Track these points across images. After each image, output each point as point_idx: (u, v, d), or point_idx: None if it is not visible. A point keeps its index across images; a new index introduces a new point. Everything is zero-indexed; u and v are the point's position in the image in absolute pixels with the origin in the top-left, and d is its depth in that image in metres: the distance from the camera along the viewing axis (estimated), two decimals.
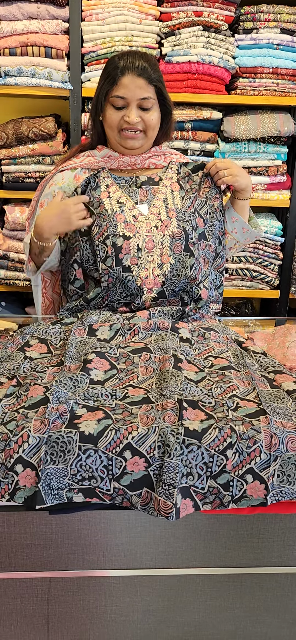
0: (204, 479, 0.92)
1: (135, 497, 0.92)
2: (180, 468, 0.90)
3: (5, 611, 1.04)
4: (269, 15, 2.20)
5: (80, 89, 2.20)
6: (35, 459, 0.91)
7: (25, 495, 0.90)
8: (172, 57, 2.18)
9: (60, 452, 0.92)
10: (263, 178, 2.38)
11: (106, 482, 0.92)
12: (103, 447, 0.92)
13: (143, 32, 2.16)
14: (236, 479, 0.92)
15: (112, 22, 2.14)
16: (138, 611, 1.05)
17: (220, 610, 1.06)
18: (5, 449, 0.92)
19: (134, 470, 0.91)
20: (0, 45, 2.13)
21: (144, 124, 1.48)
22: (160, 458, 0.91)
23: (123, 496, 0.92)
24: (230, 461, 0.92)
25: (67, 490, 0.92)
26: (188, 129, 2.28)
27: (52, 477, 0.91)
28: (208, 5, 2.15)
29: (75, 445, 0.92)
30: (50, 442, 0.92)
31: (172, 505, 0.88)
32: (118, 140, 1.51)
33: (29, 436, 0.92)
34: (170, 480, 0.89)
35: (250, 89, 2.26)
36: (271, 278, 2.51)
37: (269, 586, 1.05)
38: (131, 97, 1.45)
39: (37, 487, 0.89)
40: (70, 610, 1.05)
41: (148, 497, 0.91)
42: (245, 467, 0.92)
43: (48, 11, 2.11)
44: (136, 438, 0.92)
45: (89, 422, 0.95)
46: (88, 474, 0.92)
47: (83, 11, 2.14)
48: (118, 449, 0.92)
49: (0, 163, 2.28)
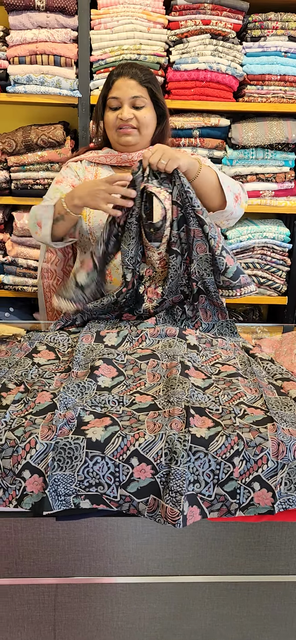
0: (211, 486, 0.92)
1: (142, 504, 0.92)
2: (187, 475, 0.90)
3: (12, 617, 1.04)
4: (277, 24, 2.20)
5: (89, 97, 2.21)
6: (43, 465, 0.91)
7: (32, 501, 0.91)
8: (180, 65, 2.19)
9: (68, 458, 0.92)
10: (271, 184, 2.38)
11: (113, 489, 0.92)
12: (110, 453, 0.92)
13: (151, 40, 2.18)
14: (244, 486, 0.92)
15: (121, 31, 2.15)
16: (145, 619, 1.05)
17: (227, 618, 1.05)
18: (13, 455, 0.92)
19: (141, 477, 0.91)
20: (10, 54, 2.16)
21: (137, 121, 1.60)
22: (167, 465, 0.91)
23: (130, 503, 0.92)
24: (237, 469, 0.91)
25: (74, 497, 0.92)
26: (196, 136, 2.29)
27: (59, 483, 0.91)
28: (216, 14, 2.16)
29: (82, 451, 0.92)
30: (57, 449, 0.92)
31: (179, 512, 0.88)
32: (116, 139, 1.63)
33: (37, 442, 0.92)
34: (177, 487, 0.89)
35: (257, 96, 2.26)
36: (279, 284, 2.50)
37: (276, 594, 1.05)
38: (123, 95, 1.59)
39: (45, 493, 0.90)
40: (77, 617, 1.05)
41: (155, 505, 0.91)
42: (252, 474, 0.92)
43: (57, 20, 2.13)
44: (143, 445, 0.92)
45: (96, 428, 0.95)
46: (95, 481, 0.92)
47: (92, 20, 2.16)
48: (125, 455, 0.92)
49: (10, 170, 2.29)
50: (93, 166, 1.68)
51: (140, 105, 1.60)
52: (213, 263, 1.42)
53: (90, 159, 1.68)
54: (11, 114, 2.50)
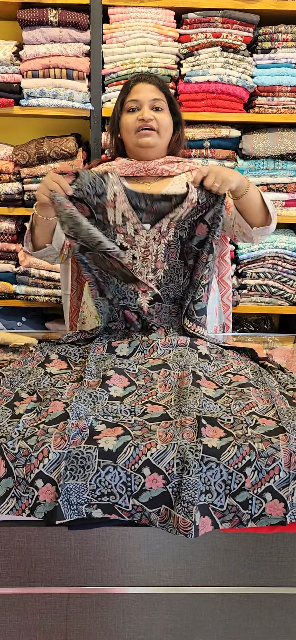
0: (223, 496, 0.91)
1: (154, 514, 0.92)
2: (199, 485, 0.90)
3: (24, 626, 1.04)
4: (287, 36, 2.21)
5: (101, 109, 2.24)
6: (55, 474, 0.92)
7: (45, 510, 0.91)
8: (190, 77, 2.21)
9: (80, 467, 0.93)
10: (282, 195, 2.38)
11: (125, 499, 0.92)
12: (122, 463, 0.92)
13: (162, 54, 2.20)
14: (255, 497, 0.91)
15: (132, 44, 2.18)
16: (157, 629, 1.05)
17: (239, 630, 1.05)
18: (26, 464, 0.93)
19: (153, 487, 0.91)
20: (24, 68, 2.19)
21: (157, 123, 1.59)
22: (178, 475, 0.91)
23: (142, 513, 0.92)
24: (248, 479, 0.91)
25: (86, 506, 0.92)
26: (206, 147, 2.30)
27: (72, 493, 0.92)
28: (227, 27, 2.18)
29: (94, 461, 0.93)
30: (69, 458, 0.93)
31: (191, 523, 0.88)
32: (135, 141, 1.61)
33: (49, 452, 0.93)
34: (189, 497, 0.89)
35: (268, 107, 2.27)
36: (290, 294, 2.49)
37: (289, 607, 1.04)
38: (143, 98, 1.59)
39: (57, 502, 0.90)
40: (89, 627, 1.05)
41: (167, 515, 0.91)
42: (264, 485, 0.91)
43: (70, 35, 2.17)
44: (155, 455, 0.93)
45: (108, 438, 0.96)
46: (107, 490, 0.92)
47: (104, 34, 2.19)
48: (137, 465, 0.92)
49: (22, 181, 2.32)
50: None
51: (160, 107, 1.60)
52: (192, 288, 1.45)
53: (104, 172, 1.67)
54: (24, 126, 2.53)
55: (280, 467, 0.92)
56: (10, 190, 2.31)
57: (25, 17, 2.13)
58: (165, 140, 1.63)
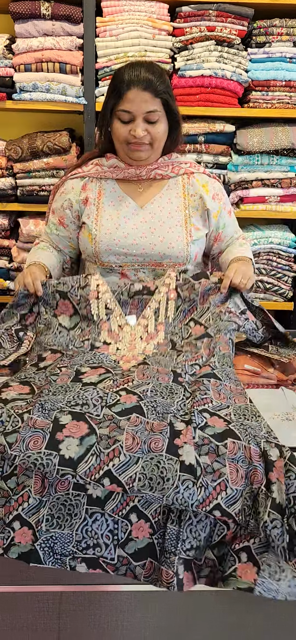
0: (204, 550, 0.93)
1: (139, 568, 0.93)
2: (183, 536, 0.91)
3: (17, 625, 1.04)
4: (282, 29, 2.20)
5: (94, 104, 2.22)
6: (34, 519, 0.92)
7: (19, 551, 0.91)
8: (185, 72, 2.19)
9: (67, 515, 0.92)
10: (277, 190, 2.37)
11: (111, 550, 0.92)
12: (110, 510, 0.92)
13: (156, 47, 2.18)
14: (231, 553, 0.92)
15: (126, 38, 2.16)
16: (150, 627, 1.04)
17: (233, 627, 1.05)
18: (6, 504, 0.93)
19: (139, 537, 0.92)
20: (16, 62, 2.17)
21: (150, 137, 1.50)
22: (164, 525, 0.92)
23: (127, 566, 0.93)
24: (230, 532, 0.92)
25: (71, 559, 0.92)
26: (201, 142, 2.29)
27: (57, 541, 0.92)
28: (221, 20, 2.16)
29: (82, 508, 0.92)
30: (57, 505, 0.93)
31: (173, 574, 0.89)
32: (126, 152, 1.54)
33: (30, 497, 0.92)
34: (172, 548, 0.90)
35: (262, 102, 2.26)
36: (285, 290, 2.49)
37: (283, 604, 1.03)
38: (136, 111, 1.46)
39: (33, 546, 0.91)
40: (81, 625, 1.04)
41: (152, 568, 0.93)
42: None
43: (63, 28, 2.15)
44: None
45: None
46: (93, 541, 0.92)
47: (98, 27, 2.17)
48: (124, 511, 0.92)
49: (15, 176, 2.30)
50: (97, 182, 1.60)
51: (154, 119, 1.47)
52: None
53: (95, 175, 1.60)
54: (17, 121, 2.51)
55: (227, 483, 0.90)
56: (3, 186, 2.29)
57: (17, 10, 2.11)
58: (158, 149, 1.56)
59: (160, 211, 1.56)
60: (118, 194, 1.59)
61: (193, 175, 1.62)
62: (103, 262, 1.56)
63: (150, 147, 1.52)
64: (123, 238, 1.53)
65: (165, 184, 1.60)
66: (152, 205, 1.57)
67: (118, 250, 1.54)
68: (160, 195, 1.59)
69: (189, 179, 1.61)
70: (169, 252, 1.54)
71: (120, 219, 1.55)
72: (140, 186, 1.60)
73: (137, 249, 1.54)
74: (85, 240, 1.59)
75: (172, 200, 1.58)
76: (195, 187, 1.60)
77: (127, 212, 1.56)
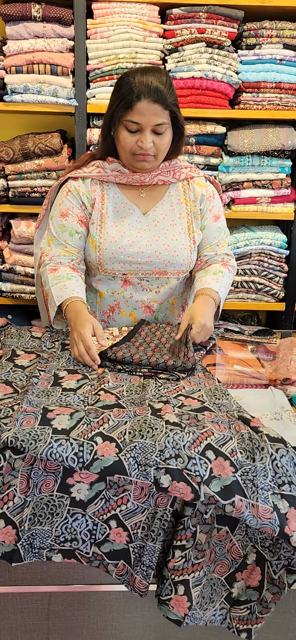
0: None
1: (112, 566, 0.96)
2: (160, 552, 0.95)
3: (5, 626, 1.04)
4: (272, 31, 2.21)
5: (86, 105, 2.22)
6: (18, 519, 0.93)
7: (3, 550, 0.93)
8: (175, 73, 2.20)
9: (49, 514, 0.94)
10: (268, 191, 2.39)
11: (87, 545, 0.95)
12: (91, 512, 0.94)
13: (147, 49, 2.19)
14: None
15: (117, 40, 2.16)
16: (139, 627, 1.05)
17: (221, 626, 1.05)
18: None
19: (116, 540, 0.94)
20: (7, 64, 2.17)
21: (155, 149, 1.49)
22: (142, 539, 0.94)
23: (100, 562, 0.95)
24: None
25: (48, 550, 0.94)
26: (192, 144, 2.30)
27: (36, 537, 0.93)
28: (211, 22, 2.18)
29: (64, 509, 0.94)
30: (40, 504, 0.94)
31: (148, 585, 0.94)
32: (130, 161, 1.52)
33: (15, 496, 0.93)
34: (150, 562, 0.94)
35: (253, 103, 2.27)
36: (277, 290, 2.50)
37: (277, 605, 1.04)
38: (146, 123, 1.43)
39: (16, 545, 0.92)
40: (71, 625, 1.04)
41: (124, 570, 0.96)
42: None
43: (54, 30, 2.15)
44: (124, 511, 0.94)
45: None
46: (71, 536, 0.94)
47: (88, 29, 2.17)
48: (105, 516, 0.94)
49: (7, 178, 2.30)
50: (100, 184, 1.58)
51: (161, 131, 1.46)
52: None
53: (98, 177, 1.57)
54: (8, 122, 2.51)
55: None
56: None
57: (8, 12, 2.11)
58: (161, 159, 1.54)
59: (164, 219, 1.57)
60: (121, 200, 1.57)
61: (193, 180, 1.62)
62: (106, 270, 1.56)
63: (154, 157, 1.51)
64: (129, 246, 1.53)
65: (166, 189, 1.61)
66: (154, 212, 1.57)
67: (123, 259, 1.53)
68: (162, 202, 1.59)
69: (189, 184, 1.62)
70: (174, 260, 1.55)
71: (125, 227, 1.54)
72: (142, 192, 1.59)
73: (142, 257, 1.54)
74: (88, 247, 1.57)
75: (174, 207, 1.59)
76: (195, 192, 1.61)
77: (131, 219, 1.56)
